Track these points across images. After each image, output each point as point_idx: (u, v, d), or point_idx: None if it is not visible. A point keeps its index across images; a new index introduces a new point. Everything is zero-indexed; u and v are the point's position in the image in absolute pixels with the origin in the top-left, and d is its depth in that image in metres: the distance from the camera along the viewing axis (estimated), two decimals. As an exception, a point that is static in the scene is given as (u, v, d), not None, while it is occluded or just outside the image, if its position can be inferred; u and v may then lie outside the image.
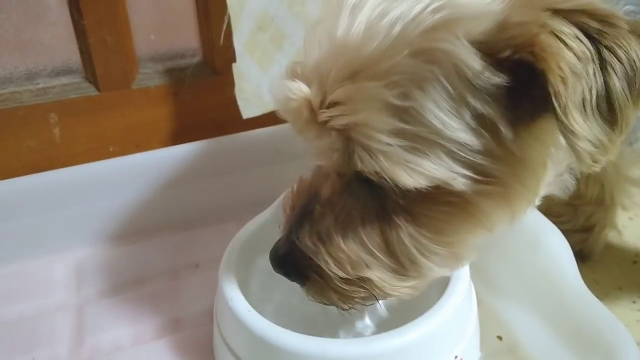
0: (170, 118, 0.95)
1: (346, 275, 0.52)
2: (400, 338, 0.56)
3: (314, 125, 0.47)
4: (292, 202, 0.56)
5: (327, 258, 0.52)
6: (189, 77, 0.93)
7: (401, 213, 0.49)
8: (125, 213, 0.85)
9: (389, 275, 0.52)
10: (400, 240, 0.50)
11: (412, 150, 0.44)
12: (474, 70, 0.43)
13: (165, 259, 0.81)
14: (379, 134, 0.44)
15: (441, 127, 0.44)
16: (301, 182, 0.56)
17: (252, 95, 0.87)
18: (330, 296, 0.54)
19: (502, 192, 0.48)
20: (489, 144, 0.45)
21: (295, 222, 0.54)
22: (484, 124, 0.44)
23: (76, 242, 0.82)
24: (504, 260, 0.67)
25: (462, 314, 0.61)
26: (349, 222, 0.51)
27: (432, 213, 0.49)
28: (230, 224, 0.85)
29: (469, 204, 0.48)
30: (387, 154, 0.44)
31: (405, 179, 0.45)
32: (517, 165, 0.47)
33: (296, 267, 0.53)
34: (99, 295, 0.76)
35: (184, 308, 0.73)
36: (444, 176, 0.45)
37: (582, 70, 0.40)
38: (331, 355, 0.55)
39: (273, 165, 0.88)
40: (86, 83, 0.90)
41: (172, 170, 0.85)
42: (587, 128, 0.41)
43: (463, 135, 0.44)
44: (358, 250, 0.51)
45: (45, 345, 0.69)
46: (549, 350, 0.62)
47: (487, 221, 0.50)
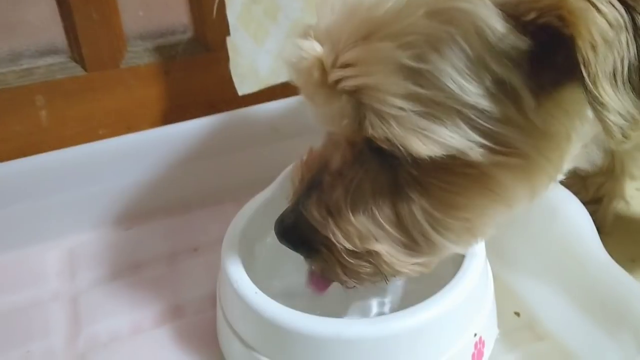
0: (161, 97, 0.92)
1: (354, 248, 0.49)
2: (416, 317, 0.53)
3: (324, 87, 0.44)
4: (301, 173, 0.53)
5: (334, 230, 0.49)
6: (180, 54, 0.91)
7: (414, 185, 0.47)
8: (118, 197, 0.82)
9: (399, 250, 0.49)
10: (412, 215, 0.48)
11: (426, 116, 0.41)
12: (496, 32, 0.40)
13: (163, 243, 0.78)
14: (391, 98, 0.41)
15: (459, 91, 0.41)
16: (311, 153, 0.54)
17: (248, 70, 0.83)
18: (336, 270, 0.51)
19: (521, 165, 0.45)
20: (509, 111, 0.42)
21: (303, 193, 0.51)
22: (504, 90, 0.42)
23: (68, 229, 0.79)
24: (519, 233, 0.64)
25: (479, 291, 0.58)
26: (359, 194, 0.49)
27: (446, 185, 0.46)
28: (228, 205, 0.83)
29: (487, 176, 0.45)
30: (400, 119, 0.41)
31: (419, 146, 0.42)
32: (538, 136, 0.45)
33: (302, 238, 0.51)
34: (95, 283, 0.73)
35: (185, 294, 0.70)
36: (461, 145, 0.42)
37: (614, 38, 0.38)
38: (346, 336, 0.52)
39: (271, 143, 0.85)
40: (73, 63, 0.87)
41: (166, 151, 0.83)
42: (617, 100, 0.38)
43: (482, 101, 0.41)
44: (367, 224, 0.49)
45: (39, 337, 0.66)
46: (570, 325, 0.60)
47: (506, 196, 0.47)
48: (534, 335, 0.63)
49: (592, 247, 0.57)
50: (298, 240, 0.52)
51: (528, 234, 0.64)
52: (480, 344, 0.58)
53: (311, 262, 0.53)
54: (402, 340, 0.53)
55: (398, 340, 0.53)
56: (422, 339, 0.54)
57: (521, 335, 0.63)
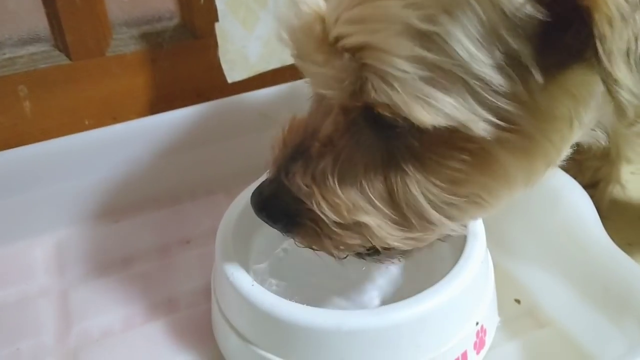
0: (148, 86, 0.90)
1: (340, 220, 0.47)
2: (419, 306, 0.52)
3: (324, 46, 0.42)
4: (282, 140, 0.50)
5: (319, 200, 0.47)
6: (167, 42, 0.88)
7: (410, 159, 0.45)
8: (105, 189, 0.80)
9: (390, 225, 0.47)
10: (407, 190, 0.45)
11: (431, 83, 0.39)
12: (512, 1, 0.38)
13: (153, 236, 0.76)
14: (396, 59, 0.39)
15: (468, 59, 0.39)
16: (295, 120, 0.51)
17: (237, 56, 0.82)
18: (323, 243, 0.49)
19: (523, 145, 0.44)
20: (516, 87, 0.41)
21: (286, 161, 0.49)
22: (514, 64, 0.40)
23: (55, 223, 0.77)
24: (519, 219, 0.63)
25: (481, 278, 0.57)
26: (349, 165, 0.46)
27: (445, 160, 0.44)
28: (219, 196, 0.81)
29: (487, 153, 0.44)
30: (404, 83, 0.39)
31: (421, 114, 0.40)
32: (542, 117, 0.43)
33: (283, 211, 0.48)
34: (84, 278, 0.71)
35: (178, 287, 0.69)
36: (464, 117, 0.40)
37: (629, 15, 0.37)
38: (347, 328, 0.51)
39: (261, 131, 0.81)
40: (56, 51, 0.84)
41: (154, 141, 0.80)
42: (630, 79, 0.37)
43: (490, 73, 0.40)
44: (356, 197, 0.46)
45: (29, 334, 0.64)
46: (572, 311, 0.59)
47: (504, 176, 0.46)
48: (535, 322, 0.62)
49: (594, 232, 0.57)
50: (279, 213, 0.49)
51: (528, 219, 0.63)
52: (482, 332, 0.57)
53: (293, 237, 0.50)
54: (404, 330, 0.52)
55: (400, 331, 0.51)
56: (425, 329, 0.52)
57: (522, 323, 0.62)
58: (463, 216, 0.49)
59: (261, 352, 0.54)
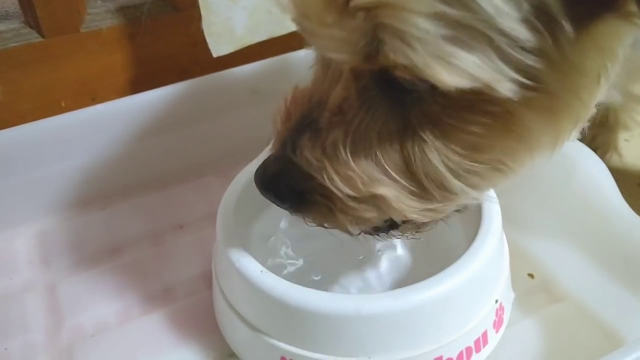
0: (127, 64, 0.85)
1: (356, 194, 0.44)
2: (440, 286, 0.49)
3: (333, 5, 0.38)
4: (285, 112, 0.47)
5: (332, 175, 0.43)
6: (146, 15, 0.83)
7: (428, 126, 0.42)
8: (88, 175, 0.75)
9: (408, 196, 0.44)
10: (426, 158, 0.42)
11: (454, 41, 0.36)
12: None
13: (144, 222, 0.72)
14: (416, 17, 0.35)
15: (494, 13, 0.35)
16: (298, 90, 0.47)
17: (223, 29, 0.77)
18: (338, 219, 0.46)
19: (549, 105, 0.41)
20: (545, 43, 0.38)
21: (291, 134, 0.45)
22: (543, 16, 0.37)
23: (35, 213, 0.73)
24: (531, 190, 0.61)
25: (499, 254, 0.54)
26: (362, 134, 0.43)
27: (466, 125, 0.41)
28: (210, 178, 0.78)
29: (511, 115, 0.41)
30: (425, 42, 0.36)
31: (444, 76, 0.36)
32: (571, 73, 0.40)
33: (292, 189, 0.45)
34: (72, 270, 0.67)
35: (174, 275, 0.65)
36: (489, 77, 0.37)
37: None
38: (366, 312, 0.48)
39: (252, 107, 0.79)
40: (27, 29, 0.79)
41: (136, 123, 0.76)
42: None
43: (517, 28, 0.36)
44: (371, 169, 0.43)
45: (17, 332, 0.60)
46: (590, 284, 0.57)
47: (529, 139, 0.43)
48: (551, 296, 0.60)
49: (613, 201, 0.55)
50: (287, 190, 0.45)
51: (542, 191, 0.61)
52: (501, 310, 0.55)
53: (303, 216, 0.47)
54: (426, 312, 0.49)
55: (422, 313, 0.49)
56: (447, 309, 0.50)
57: (537, 298, 0.60)
58: (485, 184, 0.46)
59: (273, 341, 0.51)
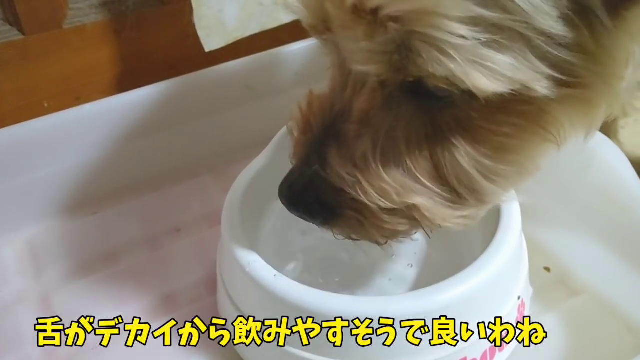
0: (112, 61, 0.83)
1: (391, 205, 0.43)
2: (463, 285, 0.48)
3: (362, 16, 0.36)
4: (304, 122, 0.46)
5: (366, 187, 0.42)
6: (131, 10, 0.82)
7: (458, 130, 0.41)
8: (76, 179, 0.73)
9: (441, 203, 0.44)
10: (457, 164, 0.42)
11: (491, 45, 0.35)
12: None
13: (138, 226, 0.70)
14: (452, 24, 0.34)
15: (531, 12, 0.35)
16: (314, 97, 0.46)
17: (214, 22, 0.75)
18: (368, 232, 0.45)
19: (583, 97, 0.40)
20: (582, 36, 0.37)
21: (314, 147, 0.44)
22: (580, 10, 0.36)
23: (23, 219, 0.70)
24: (548, 182, 0.59)
25: (520, 249, 0.53)
26: (390, 144, 0.42)
27: (498, 127, 0.41)
28: (205, 178, 0.75)
29: (544, 113, 0.40)
30: (462, 49, 0.34)
31: (482, 82, 0.36)
32: (605, 62, 0.39)
33: (322, 204, 0.44)
34: (65, 279, 0.64)
35: (175, 281, 0.63)
36: (526, 77, 0.36)
37: None
38: (390, 315, 0.46)
39: (246, 104, 0.78)
40: (7, 26, 0.77)
41: (125, 122, 0.74)
42: None
43: (554, 25, 0.36)
44: (402, 178, 0.43)
45: (11, 347, 0.57)
46: (610, 277, 0.56)
47: (560, 133, 0.43)
48: (569, 290, 0.59)
49: (634, 191, 0.53)
50: (317, 206, 0.44)
51: (559, 183, 0.59)
52: (522, 306, 0.53)
53: (332, 229, 0.46)
54: (450, 312, 0.47)
55: (446, 313, 0.47)
56: (471, 309, 0.48)
57: (555, 292, 0.59)
58: (513, 183, 0.46)
59: (288, 348, 0.49)
